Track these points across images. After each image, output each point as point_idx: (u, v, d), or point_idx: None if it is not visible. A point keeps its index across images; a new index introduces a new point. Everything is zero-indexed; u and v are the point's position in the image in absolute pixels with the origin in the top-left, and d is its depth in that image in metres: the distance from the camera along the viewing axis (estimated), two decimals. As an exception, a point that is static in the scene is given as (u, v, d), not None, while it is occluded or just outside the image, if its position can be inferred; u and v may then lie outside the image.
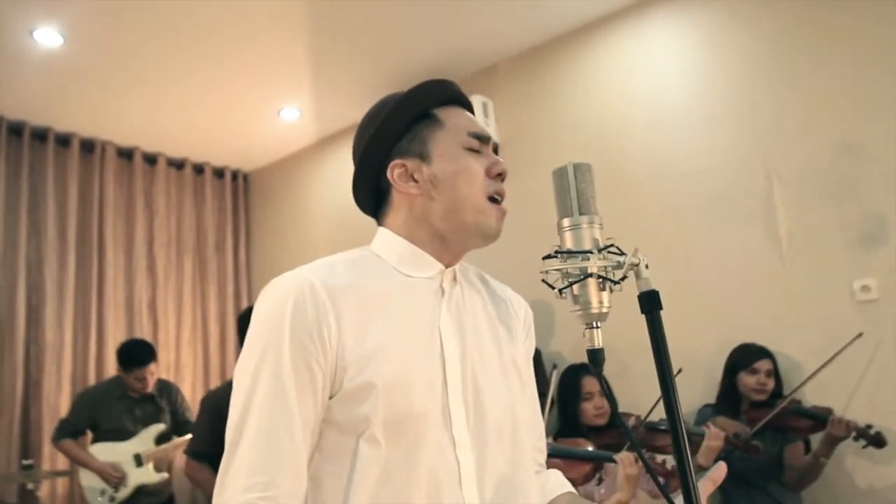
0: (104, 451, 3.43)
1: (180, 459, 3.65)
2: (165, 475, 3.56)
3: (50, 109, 4.17)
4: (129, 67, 3.72)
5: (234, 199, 5.34)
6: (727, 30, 3.21)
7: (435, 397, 0.95)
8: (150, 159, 4.89)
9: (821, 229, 2.86)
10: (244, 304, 5.02)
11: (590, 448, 2.32)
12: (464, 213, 1.01)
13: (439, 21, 3.49)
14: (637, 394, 2.87)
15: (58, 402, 3.95)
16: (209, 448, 2.66)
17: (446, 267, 1.05)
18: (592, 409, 2.65)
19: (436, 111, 1.06)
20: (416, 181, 1.03)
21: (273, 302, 0.94)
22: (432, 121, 1.05)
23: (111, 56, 3.61)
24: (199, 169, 5.16)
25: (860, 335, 2.60)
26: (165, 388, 3.69)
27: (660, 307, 0.81)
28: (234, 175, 5.36)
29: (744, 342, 2.81)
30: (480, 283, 1.14)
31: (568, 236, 0.85)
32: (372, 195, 1.09)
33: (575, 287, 0.83)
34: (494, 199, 1.03)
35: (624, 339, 3.28)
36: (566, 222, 0.85)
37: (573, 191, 0.85)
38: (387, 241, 1.06)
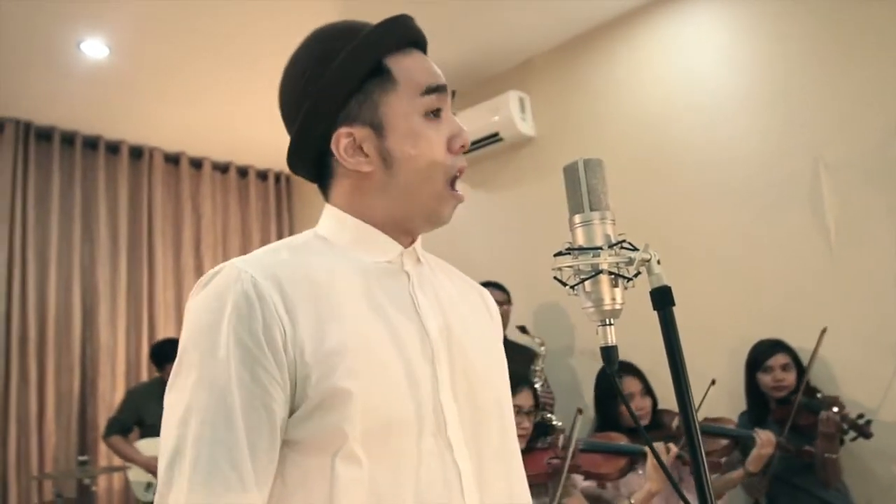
0: (149, 447, 3.57)
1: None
2: None
3: (99, 119, 4.32)
4: (172, 76, 3.83)
5: (278, 200, 5.44)
6: (769, 13, 3.11)
7: (423, 396, 0.81)
8: (196, 164, 5.02)
9: (869, 216, 2.76)
10: (289, 304, 5.11)
11: (623, 442, 2.30)
12: (420, 199, 0.88)
13: (474, 17, 3.48)
14: (671, 392, 2.82)
15: (112, 400, 4.09)
16: None
17: (406, 248, 0.91)
18: (634, 410, 2.62)
19: (388, 62, 0.88)
20: (366, 155, 0.87)
21: (205, 305, 0.77)
22: (385, 79, 0.87)
23: (155, 65, 3.71)
24: (243, 172, 5.28)
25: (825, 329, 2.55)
26: None
27: (672, 303, 0.79)
28: (277, 177, 5.47)
29: (760, 339, 2.73)
30: (446, 268, 1.02)
31: (579, 233, 0.84)
32: (312, 161, 0.92)
33: (587, 284, 0.82)
34: (455, 179, 0.90)
35: (658, 338, 3.25)
36: (577, 219, 0.84)
37: (584, 187, 0.84)
38: (335, 222, 0.90)
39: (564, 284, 0.84)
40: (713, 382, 2.47)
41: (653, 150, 3.42)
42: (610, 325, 0.84)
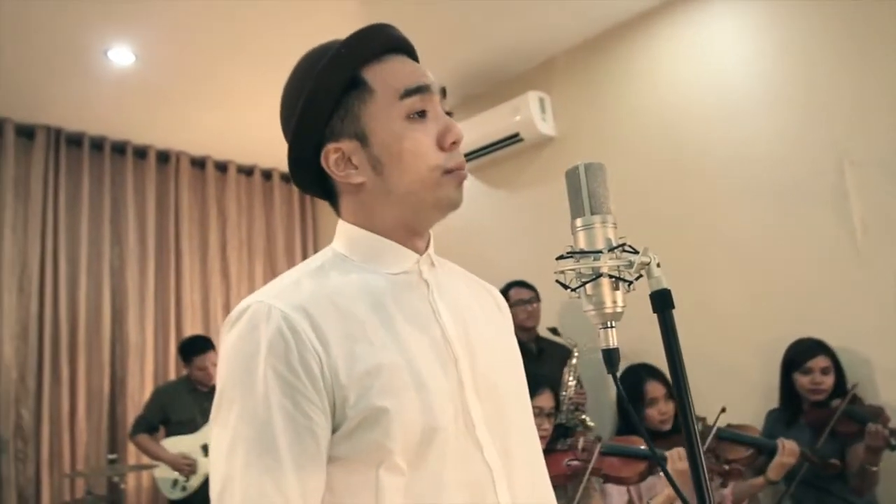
0: (175, 444, 3.64)
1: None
2: None
3: (127, 124, 4.41)
4: (197, 81, 3.90)
5: (302, 202, 5.50)
6: (791, 9, 3.07)
7: (452, 401, 0.84)
8: (221, 167, 5.10)
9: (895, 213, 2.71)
10: (313, 305, 5.17)
11: (644, 447, 2.28)
12: (419, 194, 0.88)
13: (494, 17, 3.49)
14: (700, 395, 2.79)
15: (141, 399, 4.17)
16: None
17: (421, 254, 0.93)
18: (657, 415, 2.59)
19: (364, 73, 0.89)
20: (356, 167, 0.89)
21: (240, 343, 0.80)
22: (362, 89, 0.88)
23: (181, 71, 3.79)
24: (267, 175, 5.35)
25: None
26: None
27: (672, 306, 0.79)
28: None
29: (799, 338, 2.68)
30: (458, 271, 1.04)
31: (581, 236, 0.84)
32: (315, 181, 0.94)
33: (588, 287, 0.83)
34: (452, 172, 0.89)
35: (683, 340, 3.22)
36: (579, 222, 0.85)
37: (585, 191, 0.85)
38: (349, 237, 0.92)
39: (566, 287, 0.85)
40: (723, 410, 2.44)
41: (674, 149, 3.39)
42: (611, 327, 0.84)
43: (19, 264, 4.10)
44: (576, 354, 3.11)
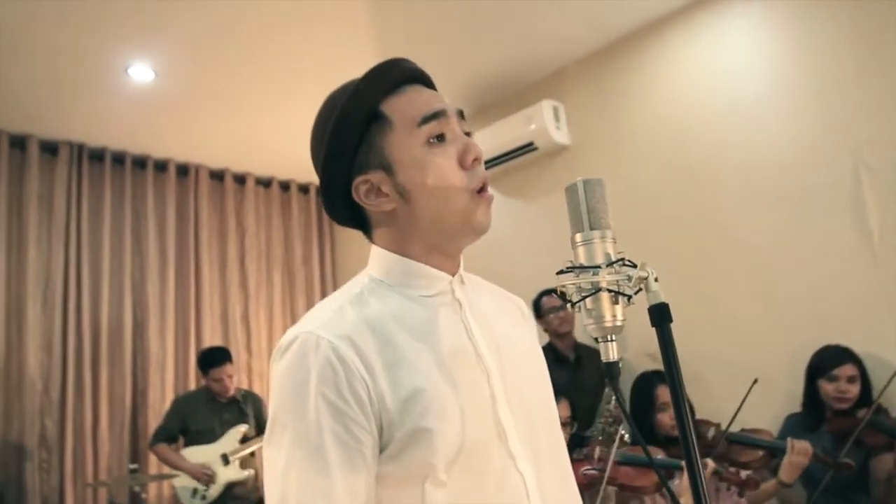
0: (194, 454, 3.69)
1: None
2: (251, 472, 3.78)
3: (147, 139, 4.50)
4: (215, 96, 3.96)
5: (319, 213, 5.55)
6: (805, 15, 3.06)
7: (487, 415, 0.89)
8: (240, 179, 5.17)
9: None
10: (331, 315, 5.21)
11: (660, 456, 2.28)
12: (449, 218, 0.92)
13: (506, 28, 3.51)
14: (715, 401, 2.79)
15: (162, 410, 4.22)
16: None
17: (452, 275, 0.96)
18: (669, 420, 2.58)
19: (382, 107, 0.93)
20: (386, 195, 0.93)
21: (290, 372, 0.85)
22: (381, 122, 0.93)
23: (198, 87, 3.86)
24: (285, 186, 5.41)
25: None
26: (250, 396, 3.96)
27: (670, 320, 0.80)
28: (319, 190, 5.57)
29: (826, 344, 2.66)
30: (485, 286, 1.08)
31: (581, 251, 0.86)
32: (348, 213, 0.98)
33: (588, 301, 0.84)
34: (479, 190, 0.93)
35: (696, 347, 3.20)
36: (578, 237, 0.86)
37: (584, 207, 0.86)
38: (383, 263, 0.96)
39: (566, 301, 0.86)
40: (755, 381, 2.43)
41: (689, 156, 3.38)
42: (612, 341, 0.86)
43: (43, 277, 4.18)
44: (619, 366, 3.05)
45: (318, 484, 0.79)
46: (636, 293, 0.84)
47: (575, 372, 3.19)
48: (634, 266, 0.84)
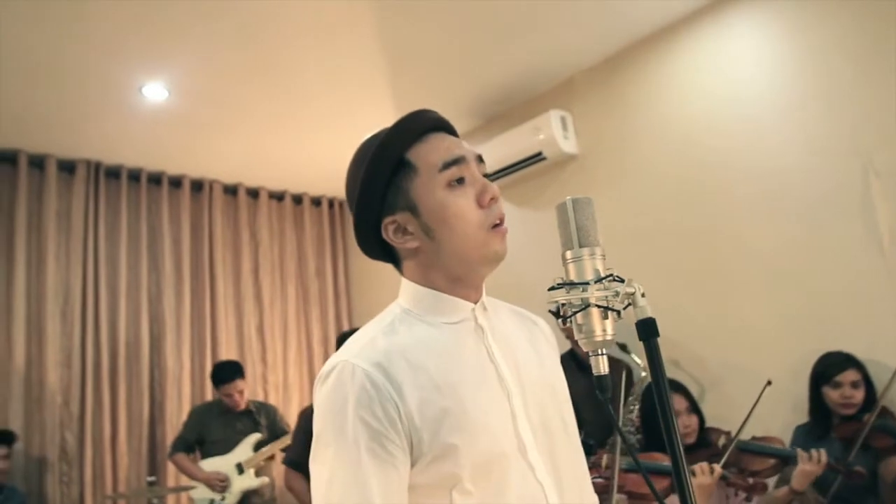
0: (210, 465, 3.76)
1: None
2: (267, 480, 3.82)
3: (162, 156, 4.58)
4: (228, 113, 4.04)
5: (332, 225, 5.61)
6: (812, 20, 3.06)
7: (507, 431, 0.98)
8: (253, 193, 5.24)
9: (924, 226, 2.68)
10: (345, 326, 5.26)
11: (667, 462, 2.28)
12: (468, 253, 1.01)
13: (513, 39, 3.55)
14: (727, 407, 2.79)
15: (179, 422, 4.27)
16: (305, 458, 2.83)
17: (475, 303, 1.06)
18: (680, 429, 2.59)
19: (408, 155, 1.03)
20: (412, 233, 1.03)
21: (331, 398, 0.95)
22: (407, 169, 1.03)
23: (211, 104, 3.93)
24: (297, 199, 5.47)
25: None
26: (264, 407, 4.01)
27: (656, 334, 0.83)
28: (331, 203, 5.64)
29: (828, 352, 2.65)
30: (507, 310, 1.16)
31: (571, 268, 0.89)
32: (381, 249, 1.09)
33: (578, 316, 0.87)
34: (495, 226, 1.02)
35: (707, 354, 3.20)
36: (568, 255, 0.89)
37: (573, 225, 0.89)
38: (411, 294, 1.06)
39: (558, 317, 0.89)
40: (769, 383, 2.44)
41: (697, 163, 3.39)
42: (602, 355, 0.88)
43: (62, 293, 4.26)
44: (643, 375, 3.03)
45: (357, 493, 0.90)
46: (625, 308, 0.87)
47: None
48: (622, 282, 0.87)
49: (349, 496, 0.90)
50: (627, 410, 2.92)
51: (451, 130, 1.09)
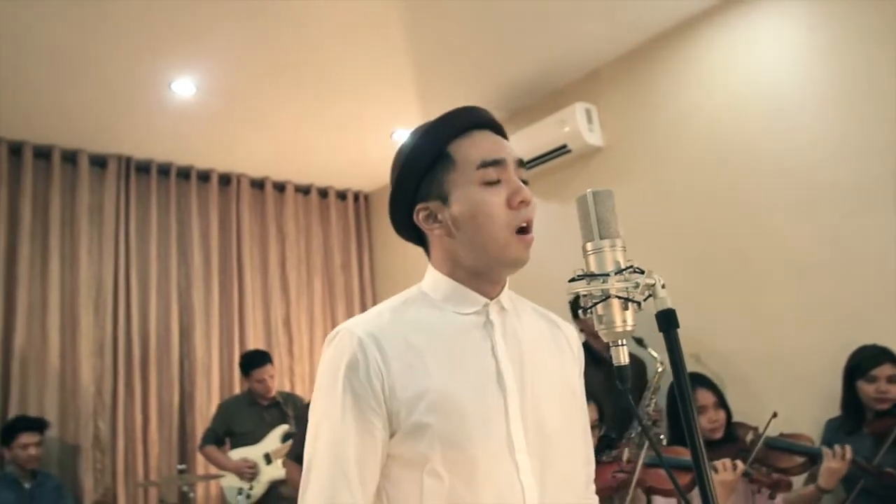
0: (239, 456, 3.83)
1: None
2: None
3: (191, 150, 4.65)
4: (255, 108, 4.09)
5: (357, 219, 5.65)
6: (845, 10, 3.00)
7: (495, 426, 0.99)
8: (280, 187, 5.30)
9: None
10: (370, 319, 5.29)
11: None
12: (489, 251, 1.03)
13: (538, 32, 3.54)
14: (755, 401, 2.76)
15: (208, 412, 4.36)
16: None
17: (491, 299, 1.07)
18: (707, 423, 2.58)
19: (450, 148, 1.06)
20: (440, 222, 1.06)
21: (330, 360, 1.02)
22: (446, 160, 1.06)
23: (239, 99, 3.98)
24: (323, 193, 5.52)
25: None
26: (291, 398, 4.07)
27: (676, 325, 0.83)
28: (356, 196, 5.68)
29: (863, 345, 2.61)
30: (532, 311, 1.17)
31: (591, 259, 0.90)
32: (412, 232, 1.13)
33: (599, 307, 0.88)
34: (522, 230, 1.03)
35: (735, 347, 3.17)
36: (589, 246, 0.90)
37: (593, 217, 0.90)
38: (432, 280, 1.10)
39: (577, 308, 0.90)
40: (774, 415, 2.41)
41: (724, 156, 3.35)
42: (622, 345, 0.89)
43: (95, 286, 4.36)
44: (659, 370, 2.99)
45: (335, 448, 0.97)
46: (645, 300, 0.88)
47: (610, 372, 3.18)
48: (643, 273, 0.87)
49: (328, 449, 0.97)
50: (643, 405, 2.91)
51: (499, 131, 1.11)
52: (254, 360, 3.95)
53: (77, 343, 4.21)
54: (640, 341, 3.12)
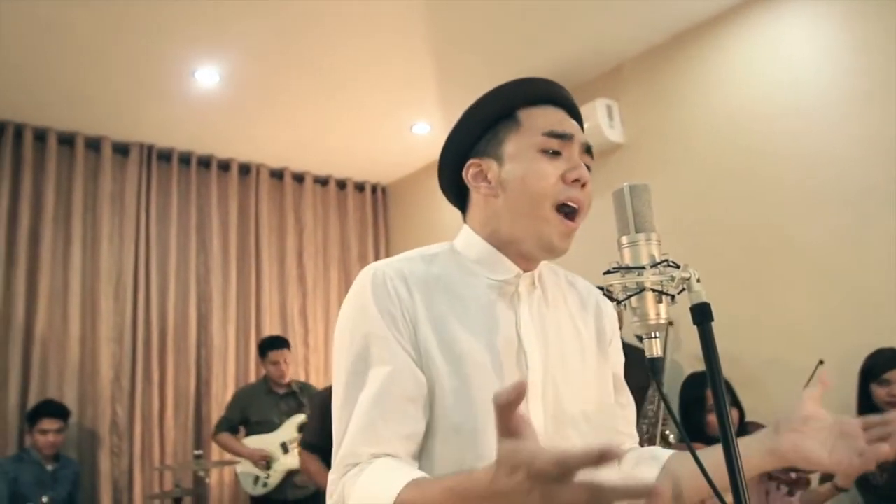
0: (255, 443, 3.85)
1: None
2: None
3: (212, 139, 4.69)
4: (276, 99, 4.11)
5: (374, 210, 5.67)
6: (865, 9, 2.98)
7: None
8: (299, 178, 5.32)
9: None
10: (385, 311, 5.31)
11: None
12: (527, 219, 0.99)
13: (560, 27, 3.53)
14: (766, 404, 2.75)
15: (224, 399, 4.40)
16: (319, 440, 2.90)
17: (524, 271, 1.03)
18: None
19: (520, 111, 1.03)
20: (489, 182, 1.02)
21: (357, 288, 0.99)
22: (512, 121, 1.02)
23: (261, 89, 4.00)
24: (341, 184, 5.54)
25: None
26: (306, 387, 4.10)
27: (711, 319, 0.83)
28: (374, 188, 5.69)
29: (880, 347, 2.59)
30: (568, 286, 1.13)
31: (626, 252, 0.90)
32: (455, 190, 1.09)
33: (633, 300, 0.88)
34: (566, 207, 0.99)
35: (751, 348, 3.15)
36: (624, 240, 0.90)
37: (629, 210, 0.90)
38: (467, 239, 1.06)
39: (612, 300, 0.90)
40: (821, 362, 2.40)
41: (745, 154, 3.33)
42: (656, 337, 0.89)
43: (115, 273, 4.41)
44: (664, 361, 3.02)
45: (368, 354, 0.94)
46: (679, 293, 0.88)
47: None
48: (678, 267, 0.87)
49: (365, 348, 0.94)
50: (648, 401, 2.91)
51: (575, 114, 1.08)
52: (272, 343, 4.00)
53: (97, 329, 4.27)
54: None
